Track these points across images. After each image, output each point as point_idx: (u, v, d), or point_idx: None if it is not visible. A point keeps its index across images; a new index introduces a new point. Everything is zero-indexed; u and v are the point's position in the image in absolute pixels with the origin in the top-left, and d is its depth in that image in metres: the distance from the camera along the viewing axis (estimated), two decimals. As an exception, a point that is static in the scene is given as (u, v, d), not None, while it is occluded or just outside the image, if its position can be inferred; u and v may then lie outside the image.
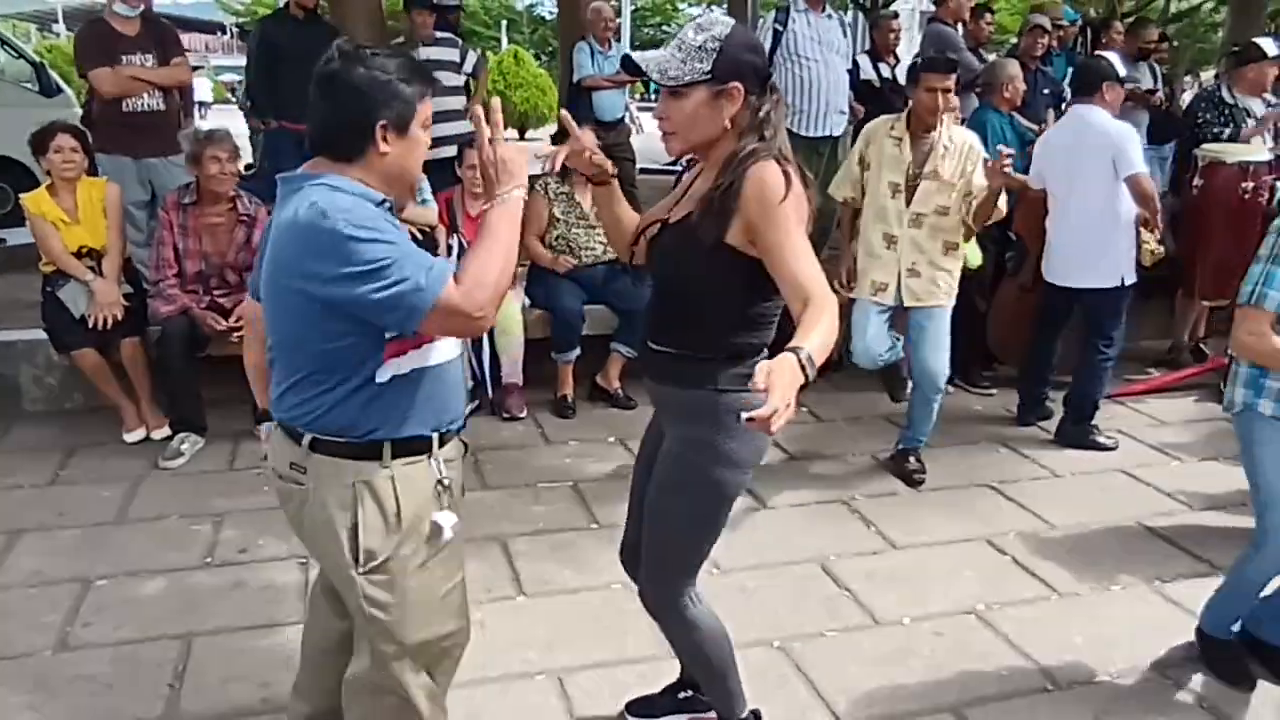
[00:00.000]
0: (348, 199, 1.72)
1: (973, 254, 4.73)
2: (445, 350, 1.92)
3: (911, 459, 4.12)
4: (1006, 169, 3.64)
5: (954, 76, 3.83)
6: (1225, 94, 5.47)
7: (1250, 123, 5.36)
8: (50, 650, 2.83)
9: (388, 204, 1.81)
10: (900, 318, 4.12)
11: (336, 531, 1.83)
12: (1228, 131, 5.35)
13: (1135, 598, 3.25)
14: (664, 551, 2.18)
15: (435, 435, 1.90)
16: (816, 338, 1.71)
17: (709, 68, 1.90)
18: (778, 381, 1.58)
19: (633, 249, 2.21)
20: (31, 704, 2.60)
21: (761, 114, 1.96)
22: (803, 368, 1.63)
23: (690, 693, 2.55)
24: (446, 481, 1.91)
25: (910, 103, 3.91)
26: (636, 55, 1.99)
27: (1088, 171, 4.24)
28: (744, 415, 1.60)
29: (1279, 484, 2.60)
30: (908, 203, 3.86)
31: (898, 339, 4.12)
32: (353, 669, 2.01)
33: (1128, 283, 4.33)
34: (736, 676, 2.33)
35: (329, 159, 1.81)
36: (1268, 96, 5.52)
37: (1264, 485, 2.63)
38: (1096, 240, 4.28)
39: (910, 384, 4.17)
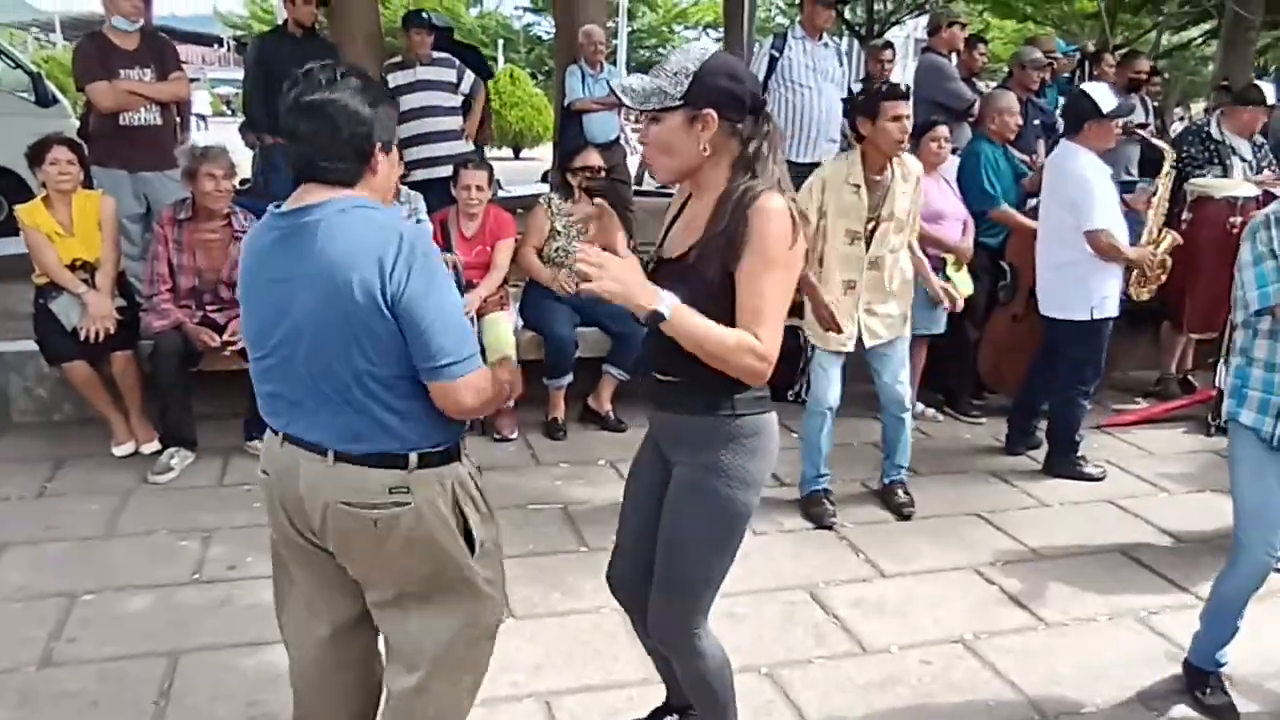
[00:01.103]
0: (415, 228, 1.88)
1: (964, 283, 4.77)
2: None
3: (900, 491, 4.11)
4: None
5: (909, 103, 3.76)
6: (1214, 130, 5.53)
7: (1236, 161, 5.41)
8: (35, 666, 2.81)
9: None
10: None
11: (452, 533, 1.94)
12: (1213, 170, 5.38)
13: (1122, 629, 3.26)
14: (684, 582, 2.16)
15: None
16: (704, 324, 1.88)
17: (681, 94, 1.92)
18: (618, 267, 1.83)
19: None
20: (15, 720, 2.59)
21: (752, 148, 1.97)
22: (651, 291, 1.85)
23: (676, 717, 2.55)
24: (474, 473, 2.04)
25: (861, 143, 3.74)
26: (613, 82, 2.05)
27: (1057, 208, 4.29)
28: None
29: (1253, 499, 2.65)
30: (867, 247, 3.78)
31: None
32: (403, 683, 2.03)
33: (1098, 316, 4.29)
34: (735, 708, 2.33)
35: (324, 185, 1.82)
36: (1256, 139, 5.59)
37: (1239, 499, 2.69)
38: (1065, 274, 4.29)
39: (832, 515, 4.00)
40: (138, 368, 4.33)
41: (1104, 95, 4.24)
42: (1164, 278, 4.83)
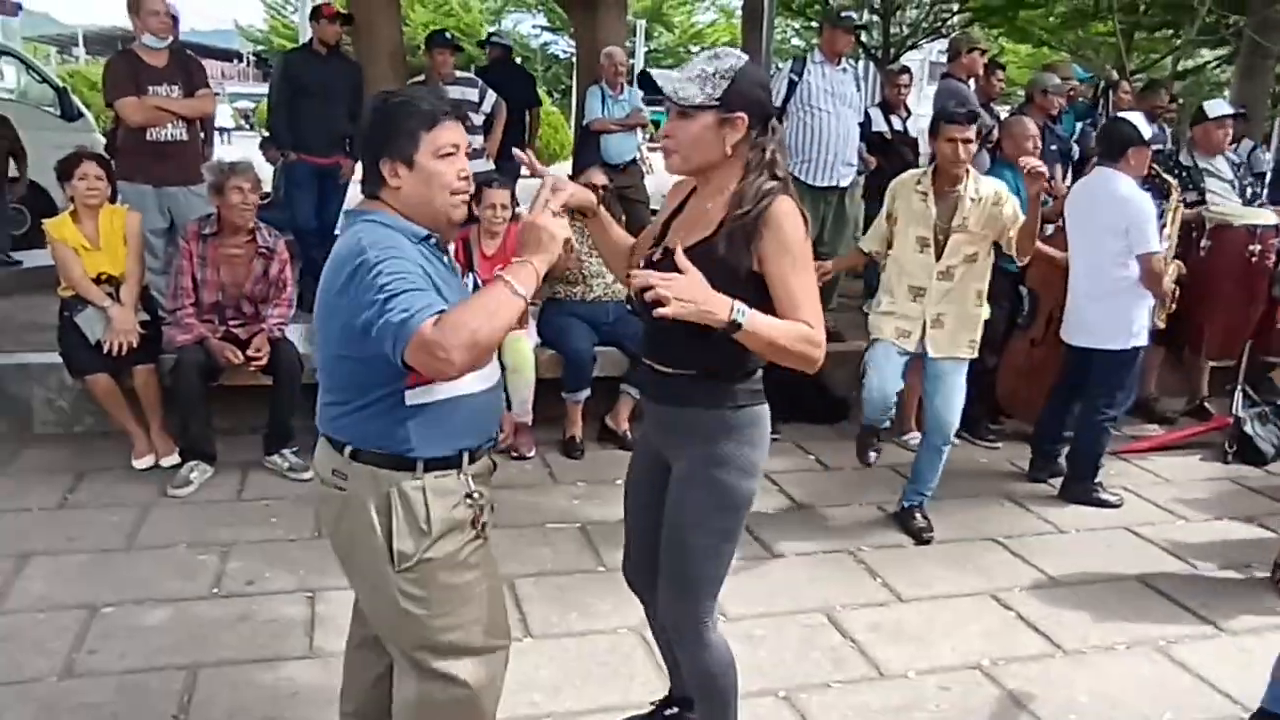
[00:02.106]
0: (386, 233, 1.87)
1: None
2: (486, 376, 2.02)
3: (918, 516, 4.10)
4: (1039, 170, 3.74)
5: (974, 128, 3.87)
6: (1184, 156, 5.57)
7: (1214, 183, 5.44)
8: (56, 676, 2.83)
9: (432, 239, 1.94)
10: (912, 371, 4.14)
11: (374, 534, 1.95)
12: (1190, 196, 5.38)
13: (1140, 657, 3.25)
14: (692, 573, 2.22)
15: (465, 454, 2.00)
16: (770, 322, 1.96)
17: (719, 95, 2.02)
18: (686, 284, 1.89)
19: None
20: (36, 731, 2.60)
21: (768, 154, 2.08)
22: (731, 308, 1.91)
23: (677, 710, 2.60)
24: (475, 494, 2.00)
25: (935, 157, 3.94)
26: (655, 72, 2.09)
27: (1101, 235, 4.28)
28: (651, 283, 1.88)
29: None
30: (938, 256, 3.87)
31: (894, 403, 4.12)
32: (400, 696, 2.08)
33: (1133, 345, 4.33)
34: (736, 709, 2.36)
35: (367, 197, 1.99)
36: (1230, 155, 5.62)
37: None
38: (1107, 303, 4.30)
39: (875, 453, 4.17)
40: (159, 381, 4.36)
41: (1143, 123, 4.37)
42: (1173, 306, 4.83)
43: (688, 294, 1.89)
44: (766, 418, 2.21)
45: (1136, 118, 4.44)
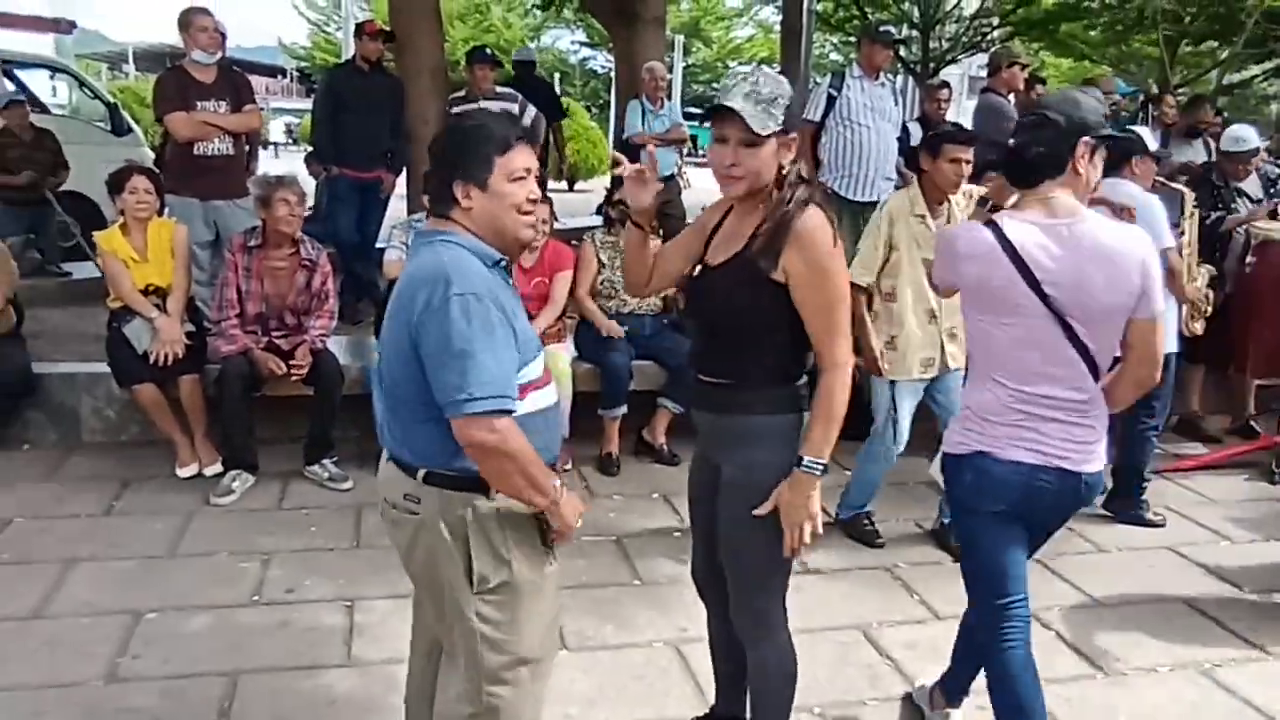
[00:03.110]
0: (466, 259, 1.91)
1: None
2: (550, 395, 2.06)
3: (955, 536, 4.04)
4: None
5: (973, 148, 3.81)
6: (1215, 177, 5.51)
7: (1243, 202, 5.38)
8: (100, 681, 2.89)
9: (503, 264, 1.98)
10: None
11: (453, 557, 1.97)
12: (1216, 214, 5.35)
13: (1183, 680, 3.19)
14: (752, 578, 2.29)
15: None
16: (818, 433, 2.11)
17: (782, 119, 2.07)
18: (787, 509, 2.09)
19: (649, 286, 2.44)
20: (82, 734, 2.65)
21: (801, 167, 2.15)
22: (809, 476, 2.09)
23: None
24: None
25: (920, 176, 3.87)
26: (735, 105, 2.05)
27: None
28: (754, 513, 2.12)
29: None
30: None
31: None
32: (446, 694, 2.12)
33: (1165, 351, 4.25)
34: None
35: (434, 214, 2.02)
36: (1267, 165, 5.55)
37: None
38: None
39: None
40: (203, 391, 4.44)
41: (1148, 136, 4.40)
42: (1209, 310, 4.75)
43: (802, 507, 2.12)
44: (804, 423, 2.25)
45: (1143, 131, 4.48)
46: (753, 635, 2.36)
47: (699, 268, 2.27)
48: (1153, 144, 4.36)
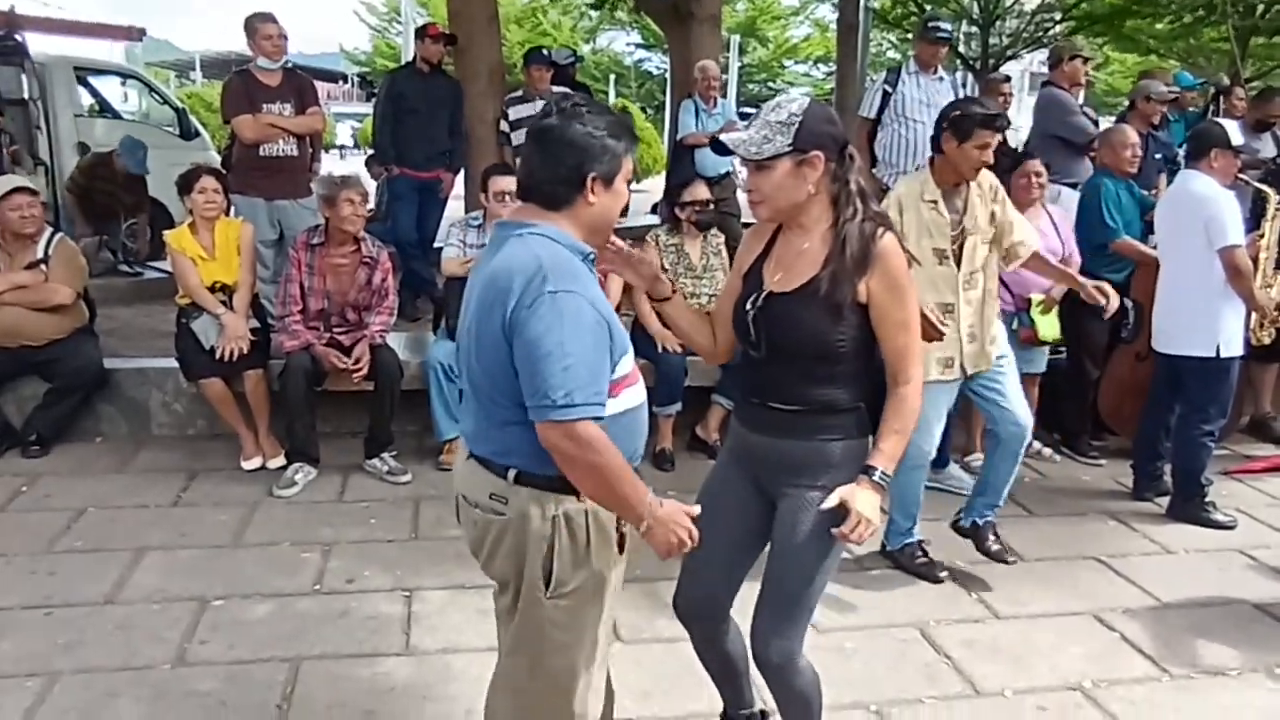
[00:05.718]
0: (562, 255, 1.86)
1: (1049, 327, 4.61)
2: (640, 393, 2.04)
3: (993, 535, 3.83)
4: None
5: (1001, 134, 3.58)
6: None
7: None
8: (169, 664, 2.97)
9: (591, 257, 1.95)
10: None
11: (536, 559, 1.95)
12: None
13: (1251, 685, 3.11)
14: (799, 604, 2.25)
15: None
16: (887, 446, 2.13)
17: (791, 140, 2.07)
18: (855, 506, 2.07)
19: (720, 345, 2.38)
20: (150, 714, 2.73)
21: (853, 183, 2.13)
22: (878, 486, 2.10)
23: None
24: (625, 526, 2.01)
25: (934, 159, 3.58)
26: (725, 137, 2.16)
27: (1184, 237, 4.16)
28: (832, 531, 2.09)
29: None
30: (958, 265, 3.57)
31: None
32: (505, 679, 2.13)
33: (1225, 354, 4.15)
34: None
35: (538, 206, 1.93)
36: None
37: None
38: (1192, 307, 4.16)
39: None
40: (267, 386, 4.54)
41: (1234, 130, 4.26)
42: (1278, 314, 4.61)
43: (870, 512, 2.09)
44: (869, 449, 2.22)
45: (1229, 124, 4.33)
46: (779, 663, 2.27)
47: (761, 296, 2.20)
48: (1237, 138, 4.21)
